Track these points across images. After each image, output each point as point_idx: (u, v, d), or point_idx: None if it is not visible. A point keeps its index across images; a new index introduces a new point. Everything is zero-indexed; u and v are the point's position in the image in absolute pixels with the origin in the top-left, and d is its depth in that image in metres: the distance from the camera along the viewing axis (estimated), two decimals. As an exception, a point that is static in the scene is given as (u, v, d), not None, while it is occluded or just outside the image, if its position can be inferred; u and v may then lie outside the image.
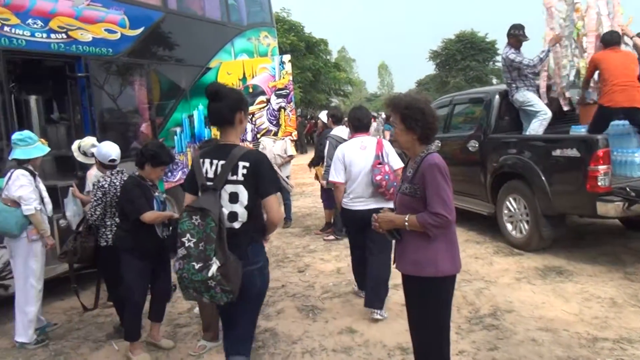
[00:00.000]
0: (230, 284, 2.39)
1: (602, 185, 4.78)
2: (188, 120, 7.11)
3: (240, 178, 2.50)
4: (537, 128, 5.99)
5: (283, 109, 7.41)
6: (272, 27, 9.49)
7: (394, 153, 4.34)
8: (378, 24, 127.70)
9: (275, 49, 9.37)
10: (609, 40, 5.49)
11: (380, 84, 70.00)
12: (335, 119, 6.85)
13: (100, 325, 4.51)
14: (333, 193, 4.69)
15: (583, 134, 5.45)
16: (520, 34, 6.22)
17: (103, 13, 5.68)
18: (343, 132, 6.21)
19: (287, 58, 7.60)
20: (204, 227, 2.37)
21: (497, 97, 6.39)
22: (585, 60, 5.88)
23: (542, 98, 6.20)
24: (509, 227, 5.96)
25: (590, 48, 5.86)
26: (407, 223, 2.49)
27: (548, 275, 4.93)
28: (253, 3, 9.07)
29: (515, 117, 6.34)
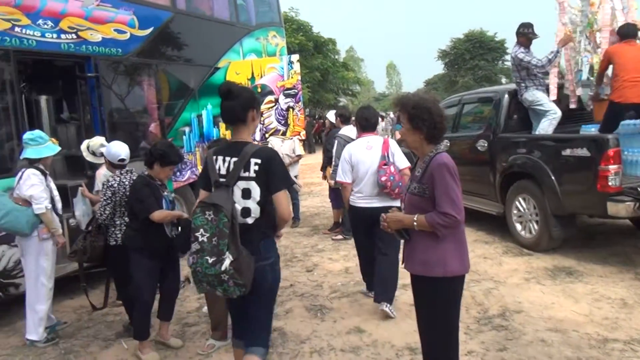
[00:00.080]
0: (243, 278, 2.44)
1: (612, 185, 4.74)
2: (197, 120, 7.12)
3: (253, 174, 2.55)
4: (546, 127, 5.94)
5: (291, 109, 7.43)
6: (280, 26, 9.50)
7: (400, 152, 4.34)
8: (386, 24, 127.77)
9: (284, 49, 9.37)
10: (626, 33, 5.41)
11: (389, 84, 69.91)
12: (344, 119, 6.84)
13: (110, 324, 4.55)
14: (341, 192, 4.70)
15: (593, 134, 5.40)
16: (530, 32, 6.16)
17: (113, 13, 5.72)
18: (351, 131, 6.19)
19: (295, 58, 7.63)
20: (217, 222, 2.42)
21: (506, 96, 6.36)
22: (599, 56, 5.80)
23: (550, 95, 6.12)
24: (519, 227, 5.92)
25: (605, 43, 5.77)
26: (415, 223, 2.48)
27: (558, 276, 4.89)
28: (261, 3, 9.07)
29: (525, 116, 6.29)
